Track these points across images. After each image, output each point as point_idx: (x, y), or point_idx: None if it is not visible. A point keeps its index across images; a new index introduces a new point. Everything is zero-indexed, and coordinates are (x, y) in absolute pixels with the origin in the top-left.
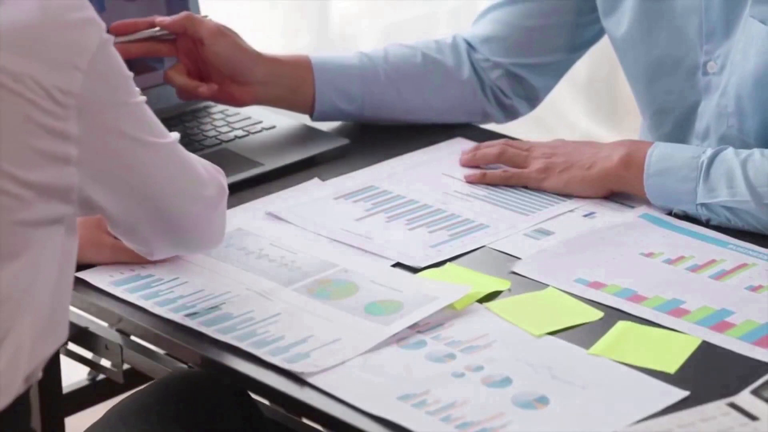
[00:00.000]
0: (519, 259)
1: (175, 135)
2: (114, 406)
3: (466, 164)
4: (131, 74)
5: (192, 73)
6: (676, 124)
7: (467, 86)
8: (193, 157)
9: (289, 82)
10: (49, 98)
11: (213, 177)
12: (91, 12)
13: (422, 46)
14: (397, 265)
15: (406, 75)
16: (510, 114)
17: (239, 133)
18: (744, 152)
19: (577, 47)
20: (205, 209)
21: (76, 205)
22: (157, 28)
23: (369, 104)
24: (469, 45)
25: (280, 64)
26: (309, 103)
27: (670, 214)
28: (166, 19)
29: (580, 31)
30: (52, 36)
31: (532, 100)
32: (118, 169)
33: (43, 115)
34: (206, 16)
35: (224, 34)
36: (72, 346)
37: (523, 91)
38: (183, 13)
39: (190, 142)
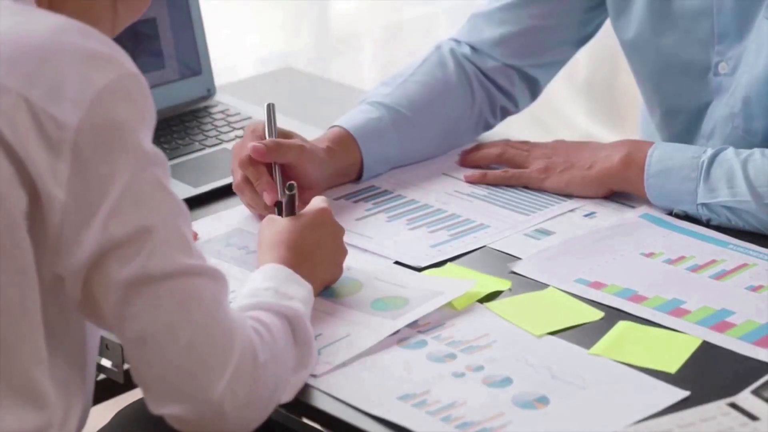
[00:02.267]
0: (519, 259)
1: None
2: (122, 410)
3: (467, 164)
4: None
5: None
6: (687, 124)
7: (476, 112)
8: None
9: (343, 167)
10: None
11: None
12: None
13: (434, 81)
14: (398, 264)
15: (428, 125)
16: (509, 115)
17: (240, 133)
18: (744, 152)
19: (583, 40)
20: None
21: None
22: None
23: (400, 160)
24: (475, 50)
25: (334, 155)
26: (354, 176)
27: (670, 214)
28: (262, 151)
29: (587, 24)
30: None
31: (534, 95)
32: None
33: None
34: (289, 135)
35: (310, 154)
36: None
37: (528, 90)
38: (273, 144)
39: (191, 142)
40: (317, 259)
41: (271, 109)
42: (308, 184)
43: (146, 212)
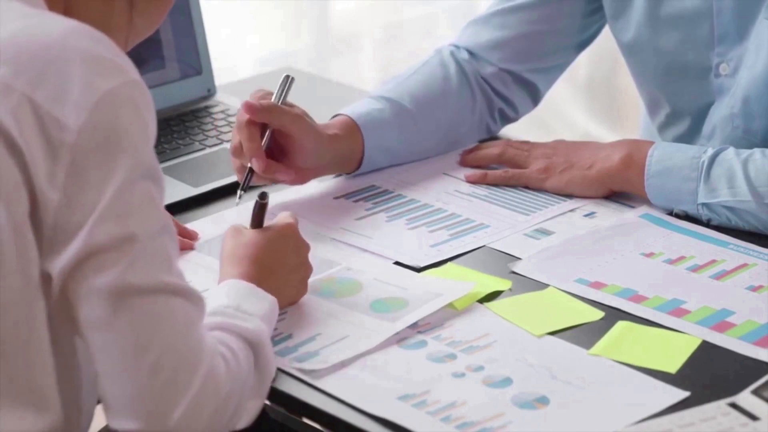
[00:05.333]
0: (519, 259)
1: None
2: None
3: (467, 164)
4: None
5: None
6: (688, 126)
7: (477, 114)
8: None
9: (345, 155)
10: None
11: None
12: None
13: (435, 79)
14: (398, 264)
15: (429, 120)
16: (509, 121)
17: None
18: (745, 152)
19: (582, 45)
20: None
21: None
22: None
23: (401, 155)
24: (472, 55)
25: (338, 141)
26: (355, 166)
27: (670, 214)
28: (254, 108)
29: (586, 29)
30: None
31: (536, 100)
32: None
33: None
34: (293, 106)
35: (308, 127)
36: None
37: (528, 96)
38: (268, 105)
39: (191, 142)
40: (281, 275)
41: (287, 81)
42: (303, 159)
43: (132, 222)
